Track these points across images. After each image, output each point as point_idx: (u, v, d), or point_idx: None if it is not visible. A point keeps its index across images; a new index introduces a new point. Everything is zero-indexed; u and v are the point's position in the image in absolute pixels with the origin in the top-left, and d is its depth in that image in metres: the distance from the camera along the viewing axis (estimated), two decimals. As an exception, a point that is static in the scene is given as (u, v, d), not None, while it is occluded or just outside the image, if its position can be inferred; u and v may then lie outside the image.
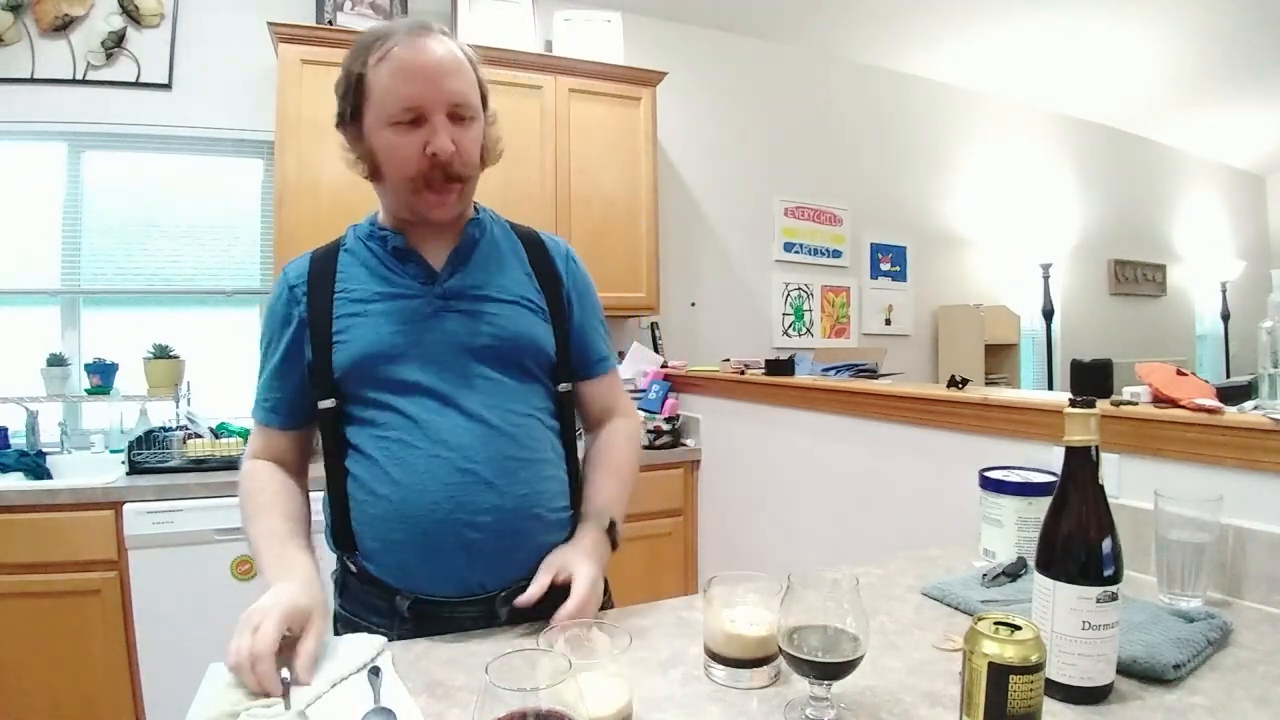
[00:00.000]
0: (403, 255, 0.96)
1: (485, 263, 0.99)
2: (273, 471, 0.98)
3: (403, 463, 0.89)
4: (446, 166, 0.90)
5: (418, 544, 0.88)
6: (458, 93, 0.90)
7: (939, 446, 1.62)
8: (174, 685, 1.67)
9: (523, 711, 0.50)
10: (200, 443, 2.16)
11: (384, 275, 0.96)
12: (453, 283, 0.96)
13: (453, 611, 0.90)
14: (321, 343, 0.93)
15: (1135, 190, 5.11)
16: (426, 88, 0.88)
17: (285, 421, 0.99)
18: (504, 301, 0.98)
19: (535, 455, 0.95)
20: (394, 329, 0.92)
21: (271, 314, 0.99)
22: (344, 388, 0.93)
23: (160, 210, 2.62)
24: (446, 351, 0.93)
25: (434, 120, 0.88)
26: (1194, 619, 0.84)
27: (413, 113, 0.88)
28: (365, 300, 0.94)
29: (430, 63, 0.88)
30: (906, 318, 4.00)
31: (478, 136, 0.94)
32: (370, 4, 2.60)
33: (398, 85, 0.88)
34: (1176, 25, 3.54)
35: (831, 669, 0.64)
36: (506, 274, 1.00)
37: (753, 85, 3.53)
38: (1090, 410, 0.70)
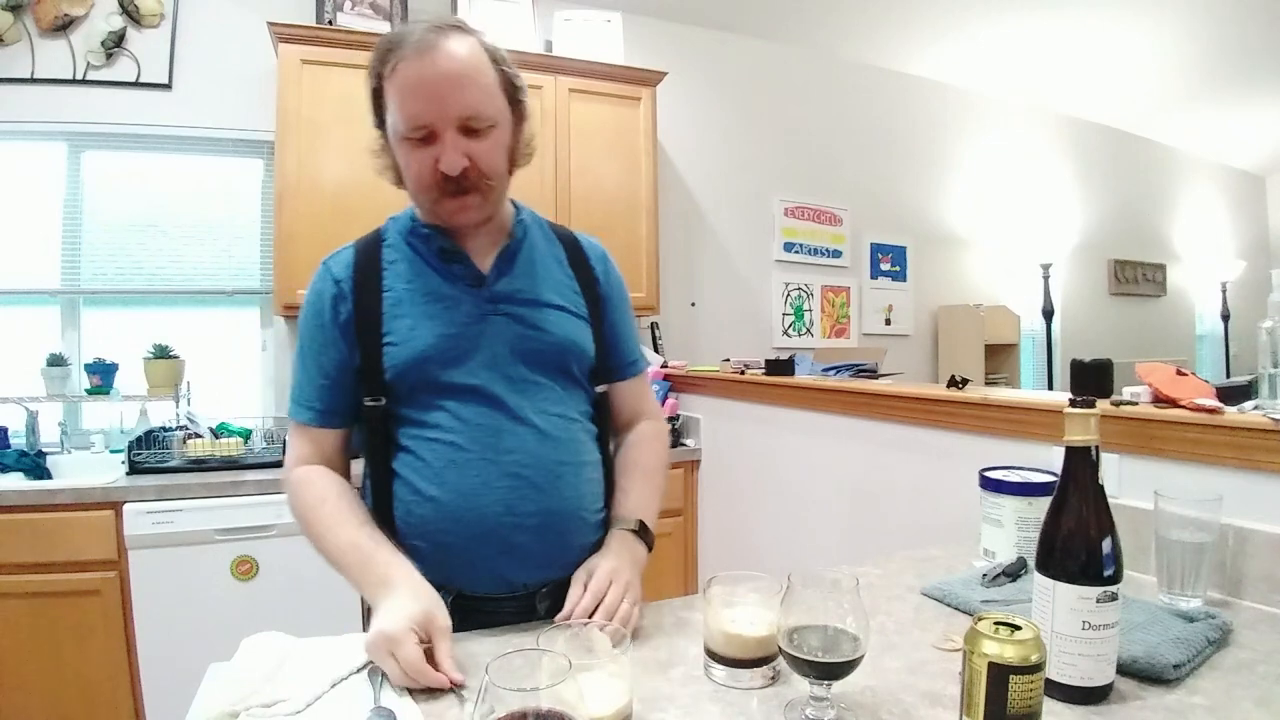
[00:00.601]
0: (450, 256, 0.95)
1: (530, 266, 0.99)
2: (323, 476, 0.95)
3: (454, 466, 0.89)
4: (460, 181, 0.88)
5: (464, 546, 0.90)
6: (467, 106, 0.86)
7: (939, 446, 1.62)
8: (174, 685, 1.67)
9: (523, 711, 0.50)
10: (200, 443, 2.16)
11: (431, 275, 0.95)
12: (501, 286, 0.96)
13: (494, 607, 0.92)
14: (371, 342, 0.92)
15: (1135, 190, 5.11)
16: (433, 105, 0.85)
17: (330, 421, 0.97)
18: (550, 306, 0.98)
19: (579, 459, 0.97)
20: (446, 332, 0.92)
21: (315, 308, 0.96)
22: (394, 389, 0.92)
23: (160, 210, 2.62)
24: (497, 356, 0.93)
25: (444, 137, 0.86)
26: (1194, 619, 0.84)
27: (422, 130, 0.86)
28: (415, 301, 0.93)
29: (436, 78, 0.84)
30: (906, 318, 4.00)
31: (498, 143, 0.91)
32: (370, 4, 2.60)
33: (406, 103, 0.86)
34: (1177, 25, 3.54)
35: (831, 669, 0.64)
36: (550, 277, 1.01)
37: (753, 85, 3.53)
38: (1090, 410, 0.70)
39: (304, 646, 0.81)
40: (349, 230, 2.69)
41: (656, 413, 1.15)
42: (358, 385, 0.94)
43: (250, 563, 1.98)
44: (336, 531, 0.88)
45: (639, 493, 1.02)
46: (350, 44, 2.41)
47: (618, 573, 0.88)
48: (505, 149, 0.93)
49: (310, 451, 0.97)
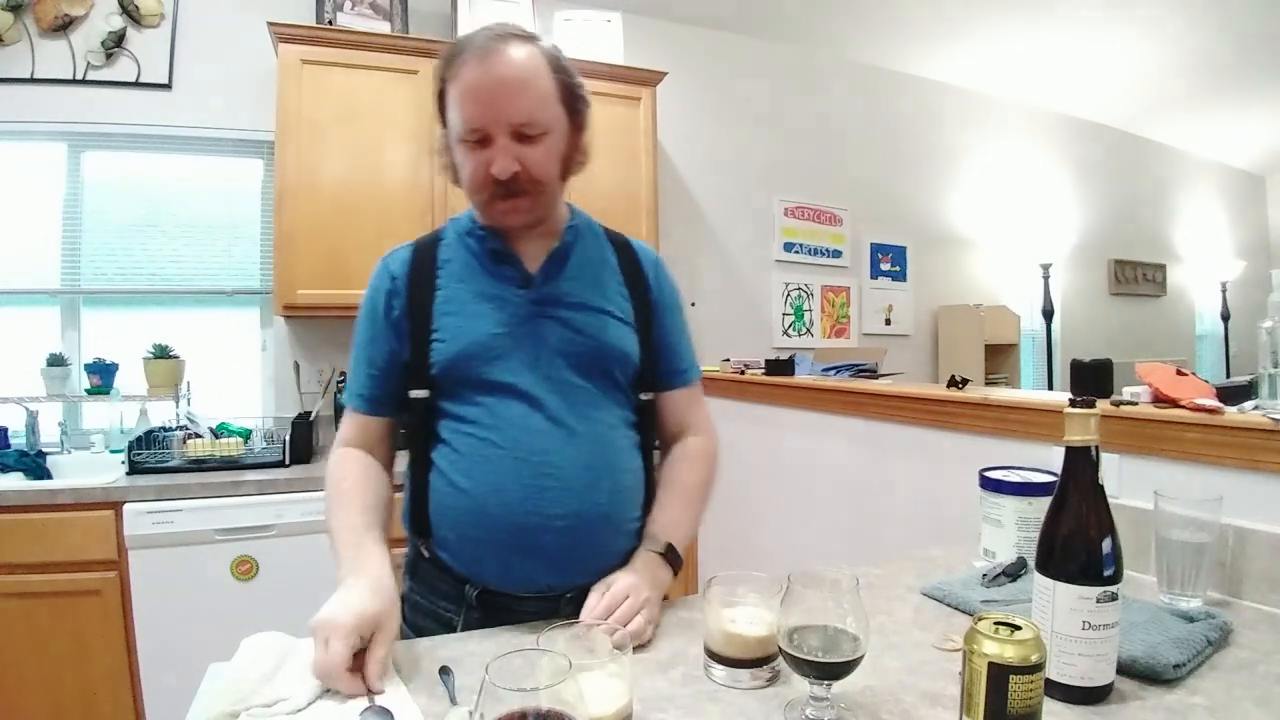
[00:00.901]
0: (500, 257, 0.98)
1: (579, 269, 1.00)
2: (358, 459, 0.99)
3: (486, 461, 0.91)
4: (510, 184, 0.90)
5: (492, 541, 0.91)
6: (521, 112, 0.88)
7: (939, 446, 1.62)
8: (174, 685, 1.67)
9: (523, 711, 0.50)
10: (200, 443, 2.16)
11: (482, 275, 0.98)
12: (548, 288, 0.97)
13: (520, 605, 0.93)
14: (420, 337, 0.95)
15: (1135, 190, 5.11)
16: (488, 110, 0.87)
17: (377, 409, 1.01)
18: (596, 310, 0.99)
19: (614, 464, 0.96)
20: (491, 330, 0.94)
21: (371, 303, 1.00)
22: (439, 383, 0.95)
23: (160, 210, 2.62)
24: (538, 356, 0.94)
25: (498, 142, 0.89)
26: (1194, 619, 0.84)
27: (477, 134, 0.89)
28: (464, 299, 0.96)
29: (492, 84, 0.87)
30: (906, 318, 4.00)
31: (551, 150, 0.93)
32: (370, 4, 2.60)
33: (463, 106, 0.89)
34: (1177, 26, 3.54)
35: (831, 669, 0.64)
36: (599, 281, 1.01)
37: (753, 85, 3.53)
38: (1090, 410, 0.70)
39: (304, 646, 0.81)
40: (349, 230, 2.70)
41: (706, 427, 1.11)
42: (406, 378, 0.97)
43: (250, 563, 1.98)
44: (338, 511, 0.92)
45: (672, 512, 1.00)
46: (350, 44, 2.41)
47: (636, 588, 0.87)
48: (558, 156, 0.95)
49: (355, 435, 1.01)
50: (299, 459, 2.23)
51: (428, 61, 2.47)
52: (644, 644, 0.84)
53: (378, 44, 2.44)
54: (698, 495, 1.05)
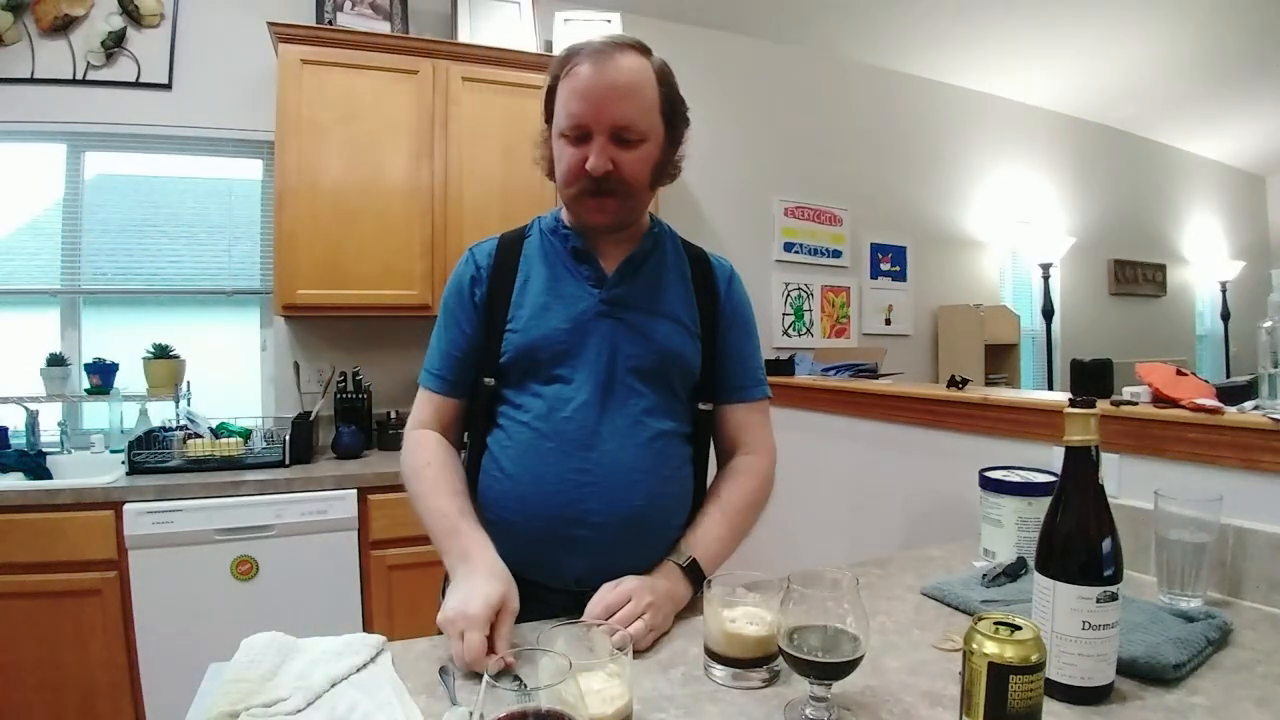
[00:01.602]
0: (581, 256, 1.01)
1: (653, 277, 1.03)
2: (437, 443, 1.01)
3: (533, 451, 0.94)
4: (601, 182, 0.93)
5: (527, 529, 0.93)
6: (623, 116, 0.92)
7: (939, 446, 1.62)
8: (174, 685, 1.67)
9: (523, 711, 0.50)
10: (200, 443, 2.16)
11: (561, 271, 1.01)
12: (619, 291, 1.00)
13: (550, 596, 0.94)
14: (495, 327, 0.99)
15: (1135, 190, 5.11)
16: (593, 109, 0.91)
17: (451, 390, 1.04)
18: (663, 318, 1.01)
19: (659, 470, 0.97)
20: (559, 326, 0.97)
21: (454, 290, 1.05)
22: (506, 371, 0.99)
23: (160, 210, 2.62)
24: (600, 356, 0.97)
25: (596, 140, 0.92)
26: (1194, 619, 0.84)
27: (579, 130, 0.92)
28: (540, 293, 0.99)
29: (602, 85, 0.91)
30: (906, 318, 4.00)
31: (645, 157, 0.96)
32: (370, 4, 2.60)
33: (571, 102, 0.92)
34: (1177, 26, 3.54)
35: (831, 669, 0.64)
36: (670, 290, 1.03)
37: (753, 85, 3.53)
38: (1090, 410, 0.70)
39: (305, 646, 0.81)
40: (349, 230, 2.70)
41: (762, 447, 1.09)
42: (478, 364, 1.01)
43: (250, 563, 1.98)
44: (432, 497, 0.94)
45: (707, 528, 0.99)
46: (350, 44, 2.41)
47: (641, 592, 0.86)
48: (651, 163, 0.98)
49: (429, 416, 1.04)
50: (299, 459, 2.23)
51: (428, 61, 2.48)
52: (642, 650, 0.83)
53: (378, 44, 2.44)
54: (739, 513, 1.02)
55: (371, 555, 2.10)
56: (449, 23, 2.76)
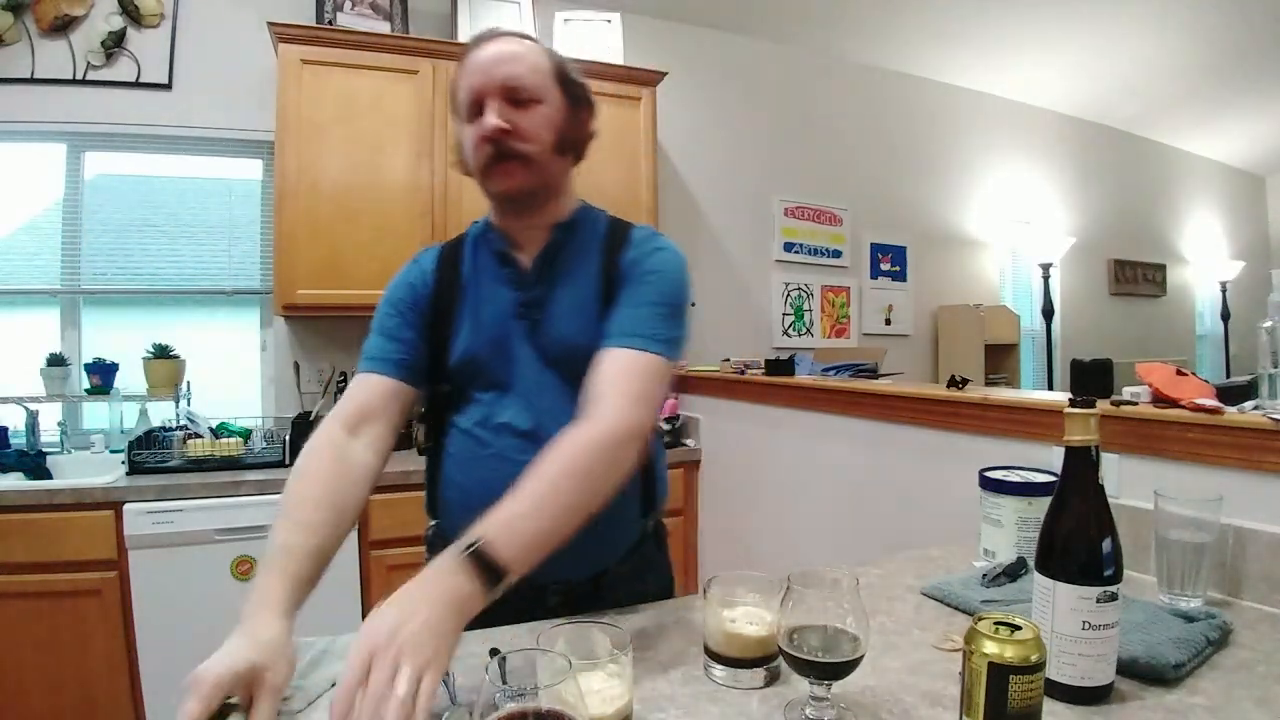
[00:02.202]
0: (503, 259, 1.00)
1: (569, 266, 1.00)
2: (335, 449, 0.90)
3: (474, 459, 0.96)
4: (499, 143, 0.92)
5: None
6: (511, 76, 0.93)
7: (939, 446, 1.62)
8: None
9: (523, 711, 0.50)
10: (200, 443, 2.16)
11: (486, 278, 1.01)
12: (536, 289, 0.99)
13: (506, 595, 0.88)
14: (442, 336, 0.99)
15: (1135, 190, 5.11)
16: (482, 77, 0.93)
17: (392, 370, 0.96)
18: (577, 311, 0.97)
19: None
20: (485, 333, 0.98)
21: (400, 284, 1.03)
22: (453, 377, 1.00)
23: (160, 210, 2.62)
24: (522, 357, 0.97)
25: (491, 104, 0.92)
26: (1194, 619, 0.84)
27: (475, 101, 0.93)
28: (472, 301, 1.00)
29: (489, 56, 0.94)
30: (906, 318, 4.00)
31: (542, 117, 0.94)
32: (370, 4, 2.60)
33: (463, 81, 0.95)
34: (1177, 26, 3.53)
35: (831, 669, 0.64)
36: (585, 278, 0.99)
37: (753, 85, 3.53)
38: (1090, 410, 0.70)
39: (304, 647, 0.81)
40: (349, 230, 2.70)
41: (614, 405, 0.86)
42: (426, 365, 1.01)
43: (250, 563, 1.98)
44: (279, 525, 0.85)
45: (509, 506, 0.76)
46: (350, 44, 2.41)
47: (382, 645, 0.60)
48: (551, 125, 0.95)
49: (352, 408, 0.94)
50: (299, 459, 2.23)
51: (428, 61, 2.48)
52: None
53: (378, 44, 2.44)
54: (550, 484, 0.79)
55: (371, 555, 2.10)
56: (449, 23, 2.77)
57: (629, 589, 1.00)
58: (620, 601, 0.97)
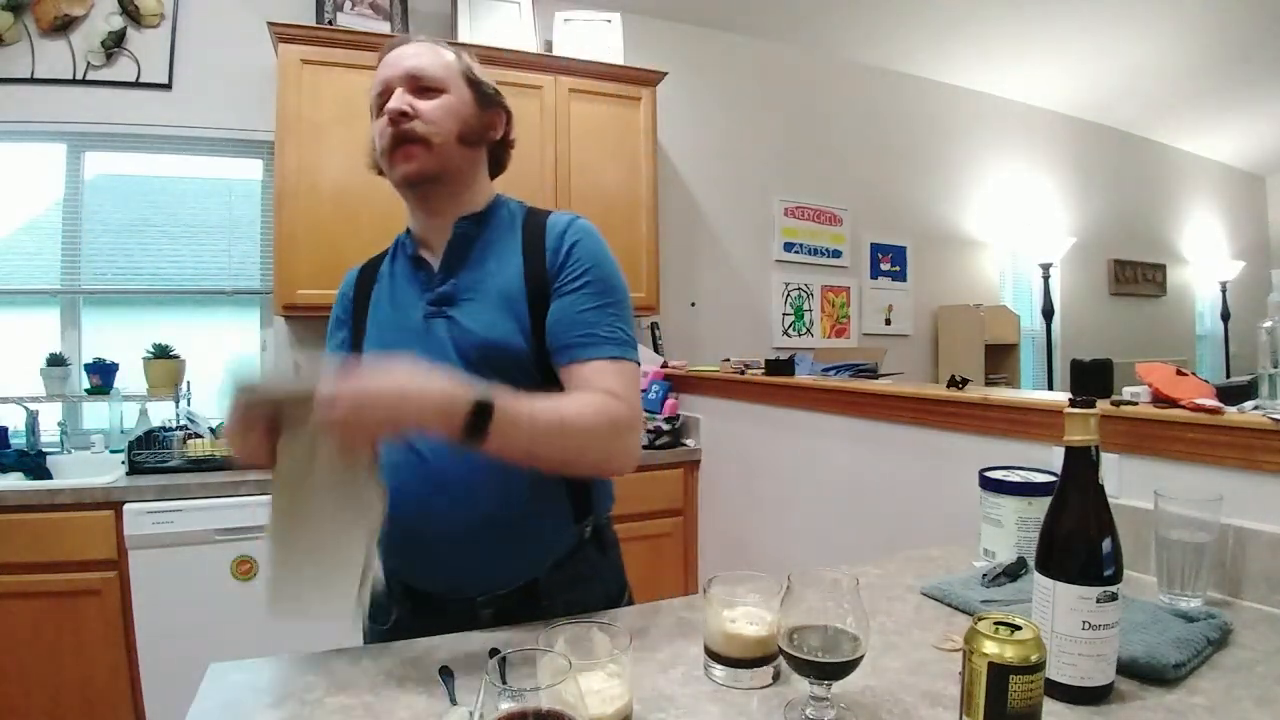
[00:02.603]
0: (416, 263, 1.00)
1: (479, 261, 0.97)
2: None
3: (394, 469, 0.88)
4: (399, 125, 0.93)
5: (399, 543, 0.91)
6: (416, 67, 0.95)
7: (939, 446, 1.62)
8: (174, 685, 1.67)
9: (523, 711, 0.50)
10: (200, 443, 2.16)
11: (402, 283, 1.01)
12: (445, 287, 0.96)
13: (439, 603, 0.93)
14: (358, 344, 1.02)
15: (1135, 190, 5.11)
16: (388, 70, 0.96)
17: None
18: (486, 303, 0.94)
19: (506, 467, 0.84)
20: (394, 336, 0.97)
21: (332, 316, 1.09)
22: None
23: (160, 210, 2.62)
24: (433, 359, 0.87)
25: (395, 92, 0.94)
26: (1194, 619, 0.84)
27: (383, 96, 0.96)
28: (385, 307, 1.01)
29: (396, 50, 0.98)
30: (906, 318, 4.00)
31: (445, 106, 0.96)
32: (370, 4, 2.60)
33: (375, 79, 0.98)
34: (1177, 25, 3.54)
35: (831, 669, 0.64)
36: (497, 270, 0.96)
37: (753, 85, 3.53)
38: (1090, 410, 0.70)
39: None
40: (349, 230, 2.70)
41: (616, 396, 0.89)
42: None
43: (250, 563, 1.98)
44: None
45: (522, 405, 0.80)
46: (350, 44, 2.41)
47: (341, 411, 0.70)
48: (453, 115, 0.96)
49: None
50: (299, 459, 2.23)
51: (428, 61, 2.48)
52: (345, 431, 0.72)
53: (378, 44, 2.42)
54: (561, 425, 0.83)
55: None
56: (449, 23, 2.77)
57: (565, 598, 0.94)
58: (557, 611, 0.92)
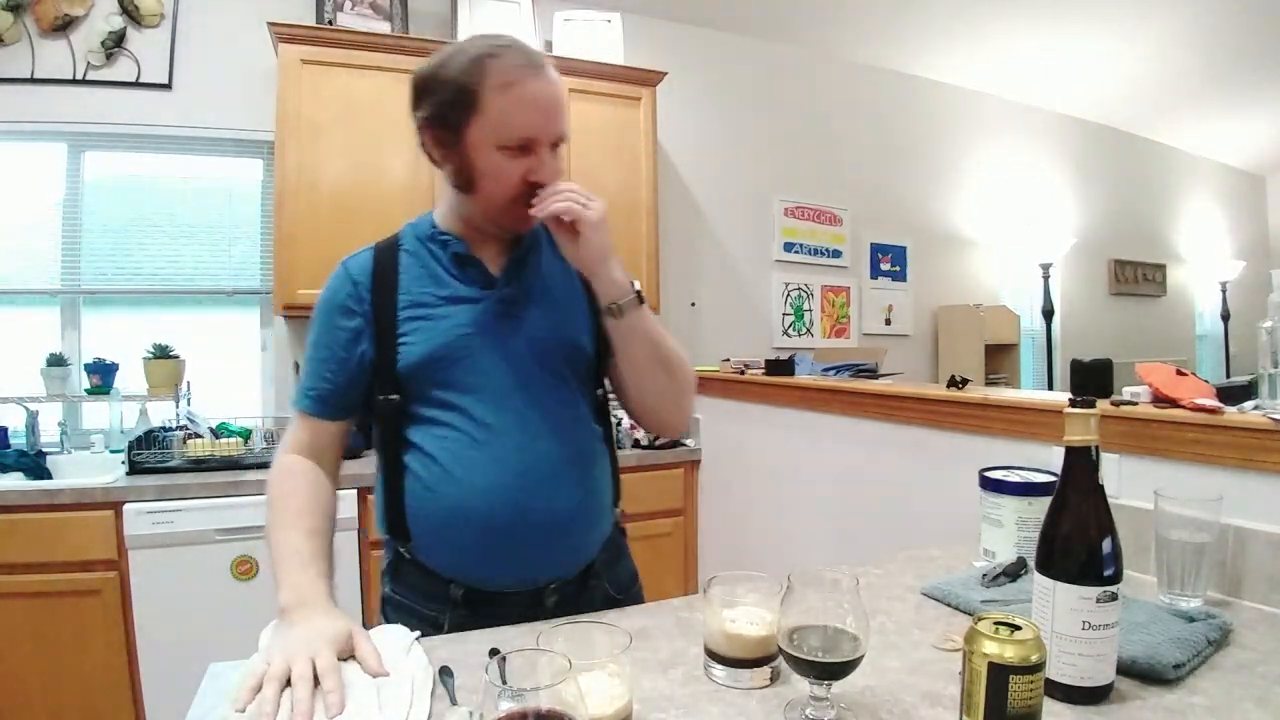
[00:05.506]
0: (463, 261, 0.98)
1: (538, 269, 1.02)
2: (306, 473, 0.97)
3: (465, 461, 0.92)
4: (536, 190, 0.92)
5: (475, 541, 0.92)
6: (563, 129, 0.94)
7: (939, 446, 1.62)
8: (174, 685, 1.67)
9: (523, 711, 0.50)
10: (200, 443, 2.16)
11: (445, 279, 0.98)
12: (512, 288, 0.99)
13: (504, 600, 0.94)
14: (386, 342, 0.95)
15: (1135, 190, 5.11)
16: (544, 122, 0.91)
17: (332, 412, 1.00)
18: (555, 306, 1.00)
19: (586, 456, 0.98)
20: (458, 332, 0.95)
21: (329, 305, 1.00)
22: (406, 385, 0.95)
23: (160, 210, 2.62)
24: (505, 357, 0.95)
25: (541, 152, 0.92)
26: (1194, 619, 0.84)
27: (526, 143, 0.90)
28: (428, 304, 0.97)
29: (552, 100, 0.92)
30: (906, 318, 4.00)
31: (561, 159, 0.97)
32: (370, 4, 2.60)
33: (520, 117, 0.89)
34: (1178, 26, 3.54)
35: (831, 669, 0.64)
36: (559, 278, 1.02)
37: (753, 85, 3.53)
38: (1090, 410, 0.69)
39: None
40: (349, 230, 2.70)
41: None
42: (369, 382, 0.98)
43: (250, 563, 1.98)
44: (285, 529, 0.90)
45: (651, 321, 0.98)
46: (350, 44, 2.41)
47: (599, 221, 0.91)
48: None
49: (304, 440, 1.00)
50: (299, 459, 2.23)
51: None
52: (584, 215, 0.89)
53: (378, 44, 2.44)
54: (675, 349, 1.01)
55: (372, 555, 2.10)
56: (449, 23, 2.77)
57: (610, 577, 1.03)
58: (604, 591, 1.01)
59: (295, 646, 0.70)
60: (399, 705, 0.67)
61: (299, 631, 0.74)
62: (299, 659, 0.68)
